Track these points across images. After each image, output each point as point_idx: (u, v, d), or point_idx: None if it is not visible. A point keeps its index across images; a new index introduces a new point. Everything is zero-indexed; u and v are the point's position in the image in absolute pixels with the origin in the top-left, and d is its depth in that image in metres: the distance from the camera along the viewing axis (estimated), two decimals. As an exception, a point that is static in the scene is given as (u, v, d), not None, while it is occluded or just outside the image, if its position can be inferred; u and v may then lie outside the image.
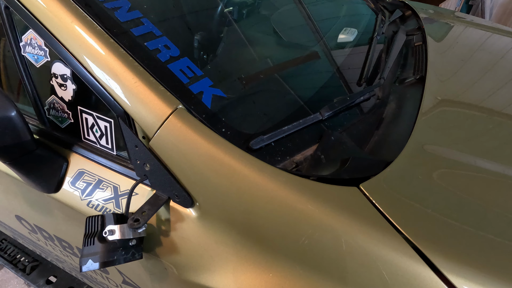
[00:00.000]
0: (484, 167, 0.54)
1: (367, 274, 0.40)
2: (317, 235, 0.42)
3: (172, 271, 0.55)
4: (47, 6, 0.55)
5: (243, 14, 1.11)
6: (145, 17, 0.60)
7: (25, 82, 0.65)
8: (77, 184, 0.62)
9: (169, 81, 0.53)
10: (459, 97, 0.73)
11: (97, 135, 0.60)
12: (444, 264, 0.38)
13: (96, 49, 0.52)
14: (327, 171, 0.50)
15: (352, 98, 0.66)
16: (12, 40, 0.63)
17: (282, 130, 0.54)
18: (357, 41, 0.90)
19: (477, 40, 1.03)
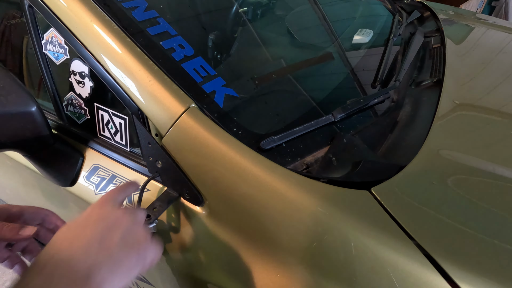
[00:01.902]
0: (502, 174, 0.52)
1: (376, 279, 0.39)
2: (326, 238, 0.42)
3: (181, 267, 0.55)
4: (68, 5, 0.57)
5: (257, 14, 1.11)
6: (161, 17, 0.61)
7: (45, 78, 0.67)
8: (91, 179, 0.63)
9: (183, 80, 0.53)
10: (478, 102, 0.71)
11: (112, 132, 0.62)
12: (457, 273, 0.37)
13: (113, 48, 0.53)
14: (338, 173, 0.50)
15: (366, 100, 0.65)
16: (34, 38, 0.65)
17: (294, 131, 0.54)
18: (373, 43, 0.89)
19: (499, 42, 0.99)
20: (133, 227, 0.35)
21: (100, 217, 0.34)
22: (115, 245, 0.32)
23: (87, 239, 0.31)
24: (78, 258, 0.30)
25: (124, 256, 0.32)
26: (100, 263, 0.30)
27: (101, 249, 0.31)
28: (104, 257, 0.31)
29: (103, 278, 0.30)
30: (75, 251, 0.30)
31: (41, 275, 0.28)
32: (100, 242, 0.31)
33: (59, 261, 0.29)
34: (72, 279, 0.28)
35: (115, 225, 0.34)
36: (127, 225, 0.34)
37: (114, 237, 0.32)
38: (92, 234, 0.32)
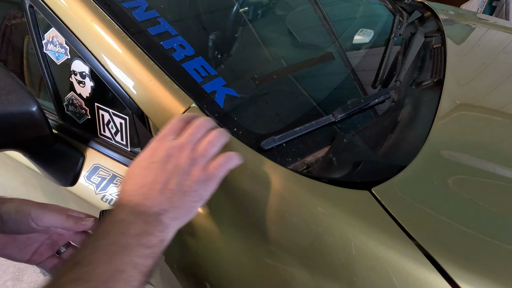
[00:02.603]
0: (503, 174, 0.52)
1: (377, 280, 0.39)
2: (327, 238, 0.42)
3: (181, 267, 0.55)
4: (68, 5, 0.57)
5: (258, 14, 1.11)
6: (162, 17, 0.61)
7: (46, 78, 0.67)
8: (92, 179, 0.63)
9: (183, 80, 0.53)
10: (479, 102, 0.71)
11: (112, 132, 0.62)
12: (457, 273, 0.37)
13: (113, 48, 0.53)
14: (338, 173, 0.50)
15: (367, 100, 0.65)
16: (35, 38, 0.66)
17: (294, 131, 0.54)
18: (373, 43, 0.89)
19: (500, 42, 0.99)
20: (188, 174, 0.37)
21: (161, 162, 0.37)
22: (174, 193, 0.36)
23: (151, 187, 0.36)
24: (149, 205, 0.35)
25: (182, 204, 0.36)
26: (165, 210, 0.35)
27: (164, 198, 0.36)
28: (167, 205, 0.36)
29: (169, 220, 0.35)
30: (144, 196, 0.35)
31: (123, 211, 0.34)
32: (162, 191, 0.36)
33: (136, 203, 0.35)
34: (147, 219, 0.34)
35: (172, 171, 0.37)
36: (183, 172, 0.37)
37: (173, 186, 0.36)
38: (154, 181, 0.36)
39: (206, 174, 0.38)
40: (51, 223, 0.44)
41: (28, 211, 0.43)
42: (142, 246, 0.32)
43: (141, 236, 0.33)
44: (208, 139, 0.40)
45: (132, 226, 0.33)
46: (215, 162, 0.39)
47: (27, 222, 0.43)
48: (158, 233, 0.34)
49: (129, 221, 0.33)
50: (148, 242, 0.33)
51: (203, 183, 0.38)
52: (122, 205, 0.35)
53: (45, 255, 0.48)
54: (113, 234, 0.32)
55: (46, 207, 0.45)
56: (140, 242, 0.32)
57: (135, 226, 0.33)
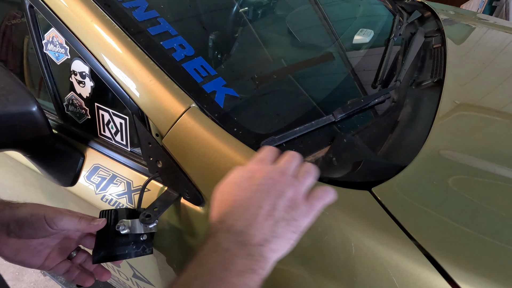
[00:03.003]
0: (503, 175, 0.52)
1: (377, 280, 0.39)
2: (327, 238, 0.42)
3: (180, 267, 0.55)
4: (68, 5, 0.57)
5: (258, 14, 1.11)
6: (162, 17, 0.61)
7: (46, 78, 0.67)
8: (92, 179, 0.63)
9: (183, 80, 0.53)
10: (479, 102, 0.71)
11: (112, 132, 0.62)
12: (457, 273, 0.37)
13: (113, 48, 0.53)
14: (338, 173, 0.50)
15: (367, 100, 0.65)
16: (35, 38, 0.65)
17: (294, 131, 0.54)
18: (373, 43, 0.89)
19: (500, 42, 0.99)
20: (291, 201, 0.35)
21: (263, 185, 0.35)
22: (277, 222, 0.34)
23: (255, 212, 0.34)
24: (252, 234, 0.32)
25: (283, 234, 0.34)
26: (267, 241, 0.33)
27: (267, 227, 0.33)
28: (269, 234, 0.33)
29: (270, 253, 0.33)
30: (249, 223, 0.33)
31: (227, 240, 0.32)
32: (266, 218, 0.33)
33: (239, 231, 0.33)
34: (250, 251, 0.32)
35: (276, 196, 0.35)
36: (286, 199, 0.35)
37: (276, 212, 0.34)
38: (258, 205, 0.34)
39: (308, 204, 0.36)
40: (64, 225, 0.45)
41: (43, 215, 0.43)
42: (245, 286, 0.30)
43: (245, 274, 0.31)
44: (305, 169, 0.38)
45: (236, 260, 0.31)
46: (315, 194, 0.37)
47: (42, 226, 0.43)
48: (260, 271, 0.32)
49: (233, 252, 0.31)
50: (251, 281, 0.31)
51: (304, 214, 0.35)
52: (226, 230, 0.33)
53: (57, 260, 0.49)
54: (218, 269, 0.30)
55: (59, 210, 0.45)
56: (244, 281, 0.30)
57: (239, 260, 0.31)
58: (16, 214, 0.43)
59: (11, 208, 0.44)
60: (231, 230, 0.33)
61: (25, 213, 0.43)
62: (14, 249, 0.44)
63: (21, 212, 0.44)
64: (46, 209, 0.44)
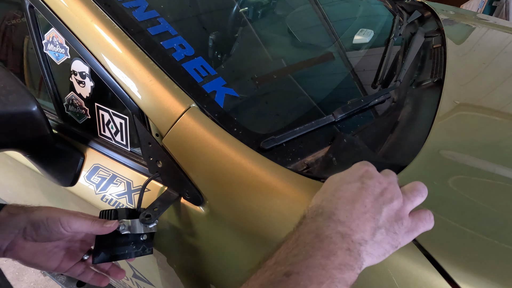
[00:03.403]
0: (503, 174, 0.52)
1: (377, 280, 0.39)
2: (327, 238, 0.42)
3: (180, 267, 0.55)
4: (68, 5, 0.57)
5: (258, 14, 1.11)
6: (162, 17, 0.61)
7: (46, 78, 0.67)
8: (92, 179, 0.63)
9: (183, 80, 0.53)
10: (479, 102, 0.71)
11: (112, 132, 0.62)
12: (457, 273, 0.37)
13: (113, 48, 0.53)
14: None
15: (367, 100, 0.65)
16: (35, 38, 0.65)
17: (294, 131, 0.54)
18: (373, 43, 0.89)
19: (500, 42, 0.99)
20: (395, 213, 0.34)
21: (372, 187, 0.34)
22: (379, 227, 0.33)
23: (358, 208, 0.32)
24: (353, 229, 0.31)
25: (381, 241, 0.33)
26: (365, 241, 0.31)
27: (368, 228, 0.32)
28: (369, 236, 0.32)
29: (365, 254, 0.31)
30: (350, 216, 0.32)
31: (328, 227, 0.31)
32: (369, 219, 0.32)
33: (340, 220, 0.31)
34: (349, 246, 0.30)
35: (383, 201, 0.34)
36: (391, 208, 0.34)
37: (380, 217, 0.33)
38: (362, 204, 0.33)
39: (412, 222, 0.35)
40: (79, 227, 0.45)
41: (58, 218, 0.44)
42: (343, 281, 0.29)
43: (343, 268, 0.29)
44: (416, 187, 0.37)
45: (337, 252, 0.30)
46: (422, 216, 0.36)
47: (57, 228, 0.44)
48: (357, 269, 0.30)
49: (335, 242, 0.30)
50: (348, 278, 0.29)
51: (405, 231, 0.34)
52: (327, 216, 0.32)
53: (72, 262, 0.49)
54: (320, 255, 0.29)
55: (73, 213, 0.46)
56: (342, 275, 0.29)
57: (340, 252, 0.30)
58: (32, 217, 0.44)
59: (27, 211, 0.45)
60: (332, 217, 0.32)
61: (40, 216, 0.44)
62: (31, 253, 0.45)
63: (36, 215, 0.44)
64: (61, 212, 0.45)
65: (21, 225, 0.44)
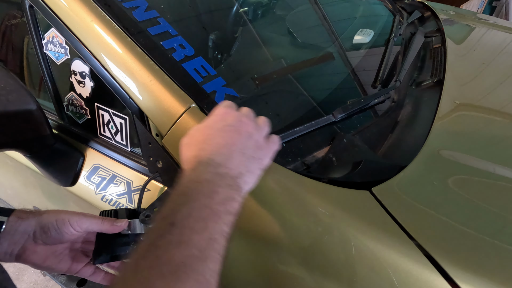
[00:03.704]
0: (503, 174, 0.52)
1: (377, 280, 0.39)
2: (327, 238, 0.42)
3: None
4: (68, 5, 0.57)
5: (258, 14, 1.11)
6: (162, 17, 0.61)
7: (46, 78, 0.67)
8: (92, 179, 0.63)
9: (183, 80, 0.53)
10: (479, 102, 0.71)
11: (112, 132, 0.62)
12: (457, 273, 0.37)
13: (113, 48, 0.53)
14: (338, 173, 0.50)
15: (367, 100, 0.65)
16: (35, 38, 0.65)
17: (294, 131, 0.54)
18: (373, 43, 0.89)
19: (500, 42, 0.99)
20: (257, 141, 0.40)
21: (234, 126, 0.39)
22: (248, 158, 0.38)
23: (230, 148, 0.37)
24: (230, 166, 0.36)
25: (253, 169, 0.38)
26: (241, 174, 0.36)
27: (241, 162, 0.37)
28: (244, 169, 0.37)
29: (244, 184, 0.36)
30: (227, 157, 0.36)
31: (208, 171, 0.35)
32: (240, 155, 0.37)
33: (218, 163, 0.36)
34: (229, 182, 0.35)
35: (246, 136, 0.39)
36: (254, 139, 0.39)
37: (246, 150, 0.38)
38: (232, 143, 0.38)
39: (268, 145, 0.41)
40: (89, 227, 0.46)
41: (67, 218, 0.45)
42: (228, 213, 0.33)
43: (227, 202, 0.33)
44: (263, 119, 0.43)
45: (219, 190, 0.33)
46: (272, 139, 0.42)
47: (67, 229, 0.45)
48: (238, 198, 0.35)
49: (215, 183, 0.34)
50: (232, 209, 0.33)
51: (266, 153, 0.40)
52: (205, 163, 0.35)
53: (82, 263, 0.50)
54: (203, 197, 0.32)
55: (81, 213, 0.47)
56: (226, 208, 0.33)
57: (221, 189, 0.33)
58: (41, 221, 0.44)
59: (35, 216, 0.45)
60: (211, 163, 0.35)
61: (49, 219, 0.45)
62: (43, 256, 0.46)
63: (45, 218, 0.45)
64: (68, 213, 0.46)
65: (31, 229, 0.44)
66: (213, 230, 0.31)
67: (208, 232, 0.30)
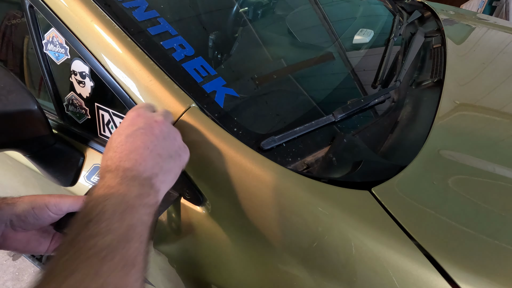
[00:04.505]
0: (503, 174, 0.52)
1: (377, 280, 0.39)
2: (327, 238, 0.42)
3: (181, 267, 0.55)
4: (68, 5, 0.57)
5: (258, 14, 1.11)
6: (162, 17, 0.61)
7: (46, 78, 0.67)
8: (92, 179, 0.63)
9: (183, 80, 0.53)
10: (479, 102, 0.71)
11: (112, 131, 0.62)
12: (457, 273, 0.37)
13: (113, 48, 0.53)
14: (338, 173, 0.50)
15: (367, 100, 0.65)
16: (35, 38, 0.65)
17: (294, 131, 0.54)
18: (373, 43, 0.89)
19: (500, 42, 0.99)
20: (174, 139, 0.41)
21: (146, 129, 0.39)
22: (163, 158, 0.38)
23: (141, 152, 0.37)
24: (141, 169, 0.36)
25: (170, 168, 0.39)
26: (156, 174, 0.37)
27: (154, 163, 0.37)
28: (158, 169, 0.37)
29: (159, 183, 0.37)
30: (136, 161, 0.36)
31: (118, 177, 0.34)
32: (152, 156, 0.37)
33: (127, 168, 0.35)
34: (142, 182, 0.35)
35: (160, 137, 0.39)
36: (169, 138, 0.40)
37: (161, 150, 0.38)
38: (143, 147, 0.38)
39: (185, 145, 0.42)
40: (69, 208, 0.46)
41: (44, 204, 0.44)
42: (145, 205, 0.33)
43: (142, 196, 0.34)
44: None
45: (131, 189, 0.34)
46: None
47: (46, 214, 0.44)
48: (154, 194, 0.36)
49: (126, 184, 0.34)
50: (149, 202, 0.34)
51: (183, 150, 0.41)
52: (114, 171, 0.35)
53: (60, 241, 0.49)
54: (116, 196, 0.33)
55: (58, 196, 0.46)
56: (142, 201, 0.33)
57: (134, 188, 0.34)
58: (16, 210, 0.44)
59: (8, 204, 0.44)
60: (119, 169, 0.35)
61: (25, 207, 0.44)
62: (24, 242, 0.46)
63: (20, 207, 0.44)
64: (45, 198, 0.45)
65: (6, 218, 0.43)
66: (132, 219, 0.31)
67: (126, 221, 0.31)
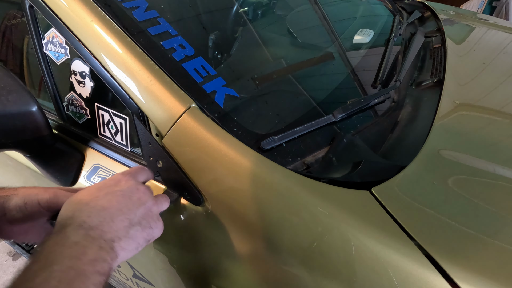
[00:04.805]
0: (503, 174, 0.52)
1: (377, 280, 0.39)
2: (327, 238, 0.42)
3: (181, 267, 0.55)
4: (68, 5, 0.57)
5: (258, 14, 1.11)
6: (162, 17, 0.61)
7: (46, 78, 0.67)
8: (92, 179, 0.63)
9: (183, 80, 0.53)
10: (479, 102, 0.71)
11: (112, 132, 0.62)
12: (457, 273, 0.37)
13: (113, 48, 0.53)
14: (338, 173, 0.50)
15: (367, 100, 0.65)
16: (35, 38, 0.65)
17: (294, 131, 0.54)
18: (373, 43, 0.89)
19: (500, 42, 0.99)
20: (149, 211, 0.40)
21: (126, 192, 0.39)
22: (133, 225, 0.37)
23: (113, 212, 0.36)
24: (105, 229, 0.35)
25: (136, 237, 0.37)
26: (119, 238, 0.35)
27: (121, 227, 0.36)
28: (123, 233, 0.36)
29: (119, 250, 0.35)
30: (104, 220, 0.35)
31: (78, 235, 0.33)
32: (122, 220, 0.36)
33: (92, 227, 0.34)
34: (101, 244, 0.34)
35: (137, 203, 0.39)
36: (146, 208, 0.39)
37: (133, 216, 0.38)
38: (117, 208, 0.37)
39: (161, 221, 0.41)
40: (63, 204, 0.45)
41: (37, 201, 0.43)
42: (97, 273, 0.31)
43: (96, 263, 0.32)
44: (164, 196, 0.45)
45: (87, 251, 0.32)
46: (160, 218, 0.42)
47: (39, 211, 0.44)
48: (110, 261, 0.33)
49: (84, 245, 0.32)
50: (102, 269, 0.32)
51: (157, 224, 0.40)
52: (77, 225, 0.34)
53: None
54: (68, 259, 0.31)
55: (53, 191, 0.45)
56: (95, 268, 0.31)
57: (90, 251, 0.32)
58: (8, 205, 0.43)
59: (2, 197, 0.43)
60: (83, 225, 0.34)
61: (18, 202, 0.43)
62: (22, 233, 0.45)
63: (13, 202, 0.43)
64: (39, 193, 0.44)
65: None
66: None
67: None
